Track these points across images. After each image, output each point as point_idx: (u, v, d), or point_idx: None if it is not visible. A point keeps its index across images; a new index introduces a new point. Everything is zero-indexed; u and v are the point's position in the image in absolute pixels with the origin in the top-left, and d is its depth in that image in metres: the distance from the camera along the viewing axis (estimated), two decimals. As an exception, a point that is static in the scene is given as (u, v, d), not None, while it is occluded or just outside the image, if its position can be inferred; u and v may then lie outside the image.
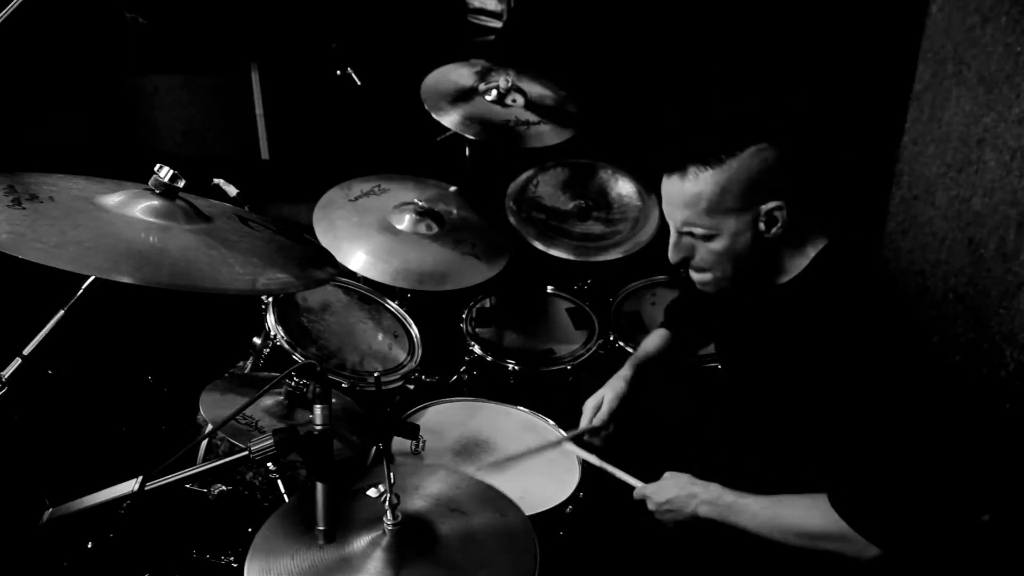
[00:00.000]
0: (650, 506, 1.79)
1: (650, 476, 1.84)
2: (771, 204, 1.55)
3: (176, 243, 1.36)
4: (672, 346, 2.16)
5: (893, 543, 1.51)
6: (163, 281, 1.25)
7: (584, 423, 2.05)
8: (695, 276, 1.69)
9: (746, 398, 1.84)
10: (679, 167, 1.57)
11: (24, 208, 1.29)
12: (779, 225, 1.56)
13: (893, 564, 1.59)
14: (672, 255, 1.65)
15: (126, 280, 1.21)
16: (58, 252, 1.21)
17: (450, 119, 2.73)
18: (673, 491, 1.75)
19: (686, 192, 1.57)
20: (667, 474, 1.79)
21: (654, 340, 2.17)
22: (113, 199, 1.42)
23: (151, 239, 1.34)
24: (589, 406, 2.07)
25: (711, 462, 1.84)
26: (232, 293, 1.33)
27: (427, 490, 1.65)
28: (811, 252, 1.63)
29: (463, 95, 2.83)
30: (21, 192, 1.33)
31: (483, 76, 2.90)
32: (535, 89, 2.92)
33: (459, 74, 2.91)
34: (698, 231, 1.59)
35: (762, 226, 1.57)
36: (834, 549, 1.54)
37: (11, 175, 1.38)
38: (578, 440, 2.06)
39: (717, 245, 1.59)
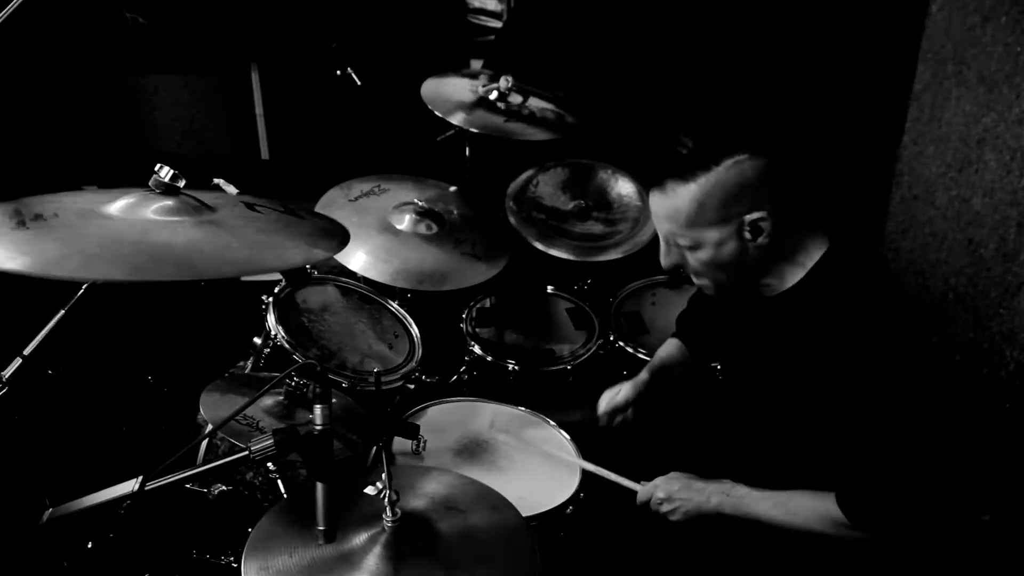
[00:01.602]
0: (656, 497, 1.79)
1: (651, 478, 1.84)
2: (755, 215, 1.57)
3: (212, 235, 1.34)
4: (686, 355, 2.15)
5: (894, 538, 1.55)
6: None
7: (603, 407, 2.09)
8: (694, 279, 1.72)
9: (749, 402, 1.85)
10: (658, 182, 1.63)
11: (28, 228, 1.28)
12: (764, 234, 1.58)
13: (895, 564, 1.60)
14: (664, 262, 1.71)
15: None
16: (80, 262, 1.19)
17: (455, 119, 2.74)
18: (681, 482, 1.77)
19: (666, 206, 1.62)
20: (672, 473, 1.81)
21: (668, 348, 2.17)
22: (117, 205, 1.41)
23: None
24: (607, 394, 2.10)
25: (713, 464, 1.84)
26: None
27: (426, 489, 1.65)
28: (811, 258, 1.63)
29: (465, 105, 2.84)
30: (26, 215, 1.32)
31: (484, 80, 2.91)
32: (537, 104, 2.92)
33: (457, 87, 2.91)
34: (682, 242, 1.64)
35: (748, 235, 1.59)
36: (844, 544, 1.58)
37: (16, 201, 1.38)
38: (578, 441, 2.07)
39: (702, 255, 1.63)
